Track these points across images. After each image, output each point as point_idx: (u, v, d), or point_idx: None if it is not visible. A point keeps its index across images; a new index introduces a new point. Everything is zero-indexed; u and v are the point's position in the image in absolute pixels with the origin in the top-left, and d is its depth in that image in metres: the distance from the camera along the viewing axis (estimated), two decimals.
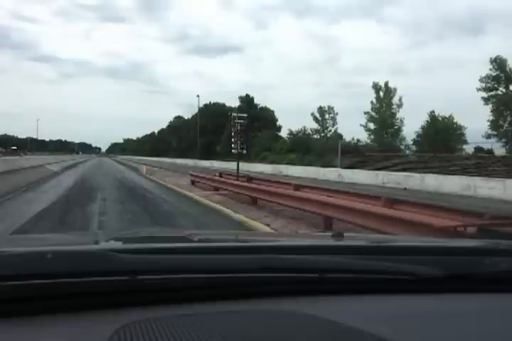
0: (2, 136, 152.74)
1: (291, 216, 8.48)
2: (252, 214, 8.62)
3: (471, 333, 0.75)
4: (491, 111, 35.86)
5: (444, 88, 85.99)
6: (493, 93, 36.16)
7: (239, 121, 14.34)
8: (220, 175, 16.02)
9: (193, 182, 16.92)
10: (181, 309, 0.77)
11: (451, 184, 17.18)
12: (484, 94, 36.09)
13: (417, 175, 20.06)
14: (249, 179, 13.41)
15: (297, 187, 10.53)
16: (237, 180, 13.58)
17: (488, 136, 36.32)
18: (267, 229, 6.97)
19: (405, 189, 18.45)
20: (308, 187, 10.76)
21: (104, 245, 1.18)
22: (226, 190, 12.77)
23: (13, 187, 14.01)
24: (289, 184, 11.63)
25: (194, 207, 10.75)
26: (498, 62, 35.55)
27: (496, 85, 35.96)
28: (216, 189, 13.80)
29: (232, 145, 14.64)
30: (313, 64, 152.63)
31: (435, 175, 19.59)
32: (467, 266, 0.95)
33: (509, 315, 0.84)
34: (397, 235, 4.29)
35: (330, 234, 1.37)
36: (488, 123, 35.88)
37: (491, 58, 35.80)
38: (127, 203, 10.83)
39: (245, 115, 15.21)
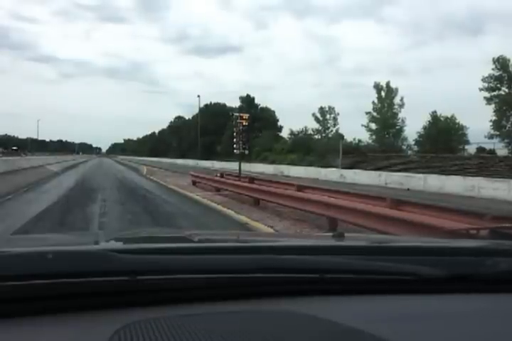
0: (3, 136, 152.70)
1: (295, 217, 8.36)
2: (254, 216, 8.49)
3: (472, 333, 0.74)
4: (494, 111, 35.70)
5: (445, 88, 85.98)
6: (495, 93, 35.98)
7: (241, 121, 14.22)
8: (222, 176, 15.90)
9: (194, 183, 16.81)
10: (181, 309, 0.77)
11: (455, 184, 17.05)
12: (487, 94, 35.94)
13: (419, 176, 19.93)
14: (251, 180, 13.29)
15: (300, 188, 10.42)
16: (239, 180, 13.47)
17: (491, 136, 36.17)
18: (270, 230, 6.85)
19: (408, 189, 18.34)
20: (311, 188, 10.65)
21: (104, 245, 1.17)
22: (228, 190, 12.66)
23: (13, 187, 13.91)
24: (291, 184, 11.52)
25: (195, 207, 10.63)
26: (501, 62, 35.37)
27: (498, 85, 35.78)
28: (217, 189, 13.69)
29: (234, 146, 14.50)
30: (313, 64, 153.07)
31: (438, 176, 19.47)
32: (469, 267, 0.95)
33: (510, 316, 0.83)
34: (399, 235, 4.23)
35: (330, 234, 1.35)
36: (491, 124, 35.75)
37: (493, 58, 35.64)
38: (128, 204, 10.71)
39: (248, 115, 15.07)
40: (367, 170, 25.94)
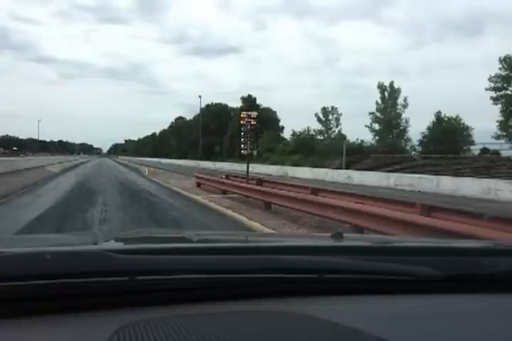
0: (4, 136, 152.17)
1: (313, 224, 7.69)
2: (269, 222, 7.79)
3: (472, 333, 0.74)
4: (500, 112, 35.08)
5: (446, 89, 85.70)
6: (502, 93, 35.33)
7: (249, 119, 13.50)
8: (227, 177, 15.30)
9: (198, 185, 16.15)
10: (181, 309, 0.76)
11: (469, 187, 16.37)
12: (493, 94, 35.26)
13: (431, 177, 19.24)
14: (260, 181, 12.60)
15: (314, 191, 9.77)
16: (247, 182, 12.80)
17: (498, 137, 35.54)
18: None
19: (419, 191, 17.68)
20: (326, 191, 10.00)
21: (103, 245, 1.10)
22: (235, 193, 11.98)
23: (9, 189, 13.25)
24: (303, 187, 10.87)
25: (203, 212, 9.92)
26: (508, 62, 34.70)
27: (505, 85, 35.12)
28: (224, 192, 13.02)
29: (242, 146, 13.77)
30: (313, 65, 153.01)
31: (451, 178, 18.79)
32: (467, 267, 0.94)
33: (509, 316, 0.82)
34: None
35: (329, 234, 1.27)
36: (497, 124, 35.12)
37: (500, 57, 35.02)
38: (130, 209, 10.01)
39: (256, 113, 14.36)
40: (355, 168, 25.57)
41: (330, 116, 51.87)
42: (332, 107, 52.12)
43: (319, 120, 51.75)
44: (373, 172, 24.50)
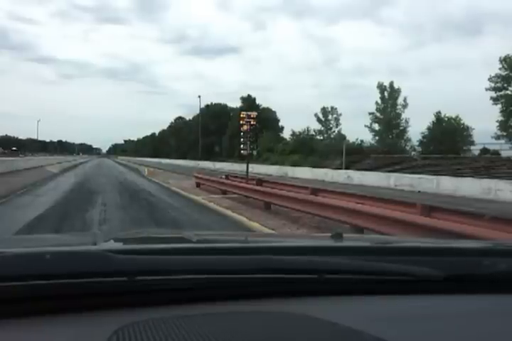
0: (3, 136, 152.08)
1: (313, 224, 7.68)
2: (268, 223, 7.78)
3: (472, 334, 0.74)
4: (500, 112, 35.06)
5: (445, 89, 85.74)
6: (502, 93, 35.31)
7: (249, 119, 13.49)
8: (227, 177, 15.28)
9: (198, 185, 16.14)
10: (180, 310, 0.76)
11: (469, 187, 16.36)
12: (493, 94, 35.23)
13: (431, 178, 19.23)
14: (260, 182, 12.59)
15: (314, 191, 9.75)
16: (247, 182, 12.79)
17: (498, 137, 35.52)
18: None
19: (419, 192, 17.67)
20: (326, 191, 9.98)
21: (103, 246, 1.11)
22: (235, 193, 11.97)
23: (9, 189, 13.22)
24: (303, 187, 10.86)
25: (202, 212, 9.91)
26: (508, 62, 34.68)
27: (505, 85, 35.09)
28: (224, 192, 13.01)
29: (242, 146, 13.76)
30: (313, 65, 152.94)
31: (450, 178, 18.78)
32: (467, 267, 0.94)
33: (508, 316, 0.82)
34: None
35: (329, 234, 1.28)
36: (497, 124, 35.09)
37: (500, 57, 35.00)
38: (129, 209, 10.00)
39: (256, 113, 14.35)
40: (355, 168, 25.62)
41: (329, 116, 51.88)
42: (332, 107, 52.15)
43: (319, 120, 51.76)
44: (373, 172, 24.48)
